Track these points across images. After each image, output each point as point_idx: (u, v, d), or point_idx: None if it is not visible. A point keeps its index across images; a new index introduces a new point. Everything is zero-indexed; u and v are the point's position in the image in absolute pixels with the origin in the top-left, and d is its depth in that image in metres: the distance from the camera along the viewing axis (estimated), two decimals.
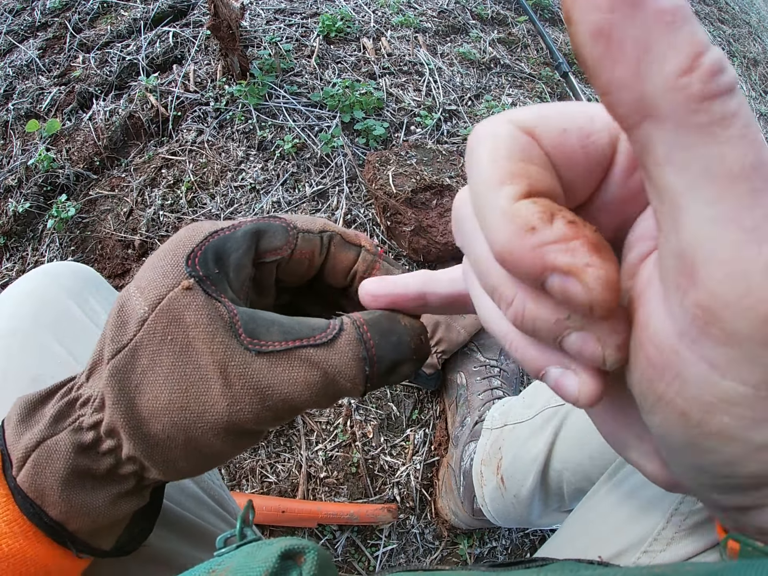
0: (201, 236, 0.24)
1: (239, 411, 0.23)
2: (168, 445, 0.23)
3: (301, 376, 0.23)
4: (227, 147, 1.10)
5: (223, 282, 0.24)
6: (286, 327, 0.24)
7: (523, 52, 1.51)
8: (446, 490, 0.89)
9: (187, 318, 0.23)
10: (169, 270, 0.23)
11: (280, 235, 0.26)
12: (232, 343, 0.23)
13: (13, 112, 1.24)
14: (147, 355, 0.23)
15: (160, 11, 1.36)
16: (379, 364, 0.24)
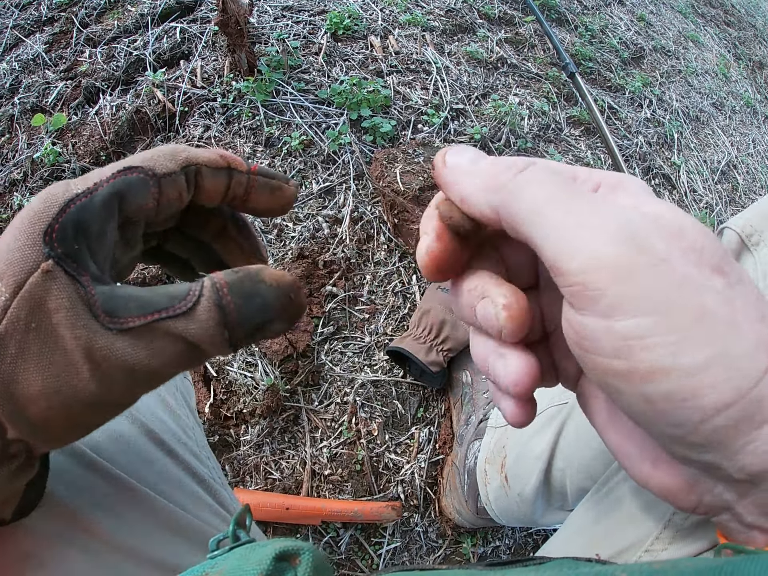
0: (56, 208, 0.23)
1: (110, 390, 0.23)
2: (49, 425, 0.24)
3: (164, 348, 0.23)
4: (234, 143, 1.09)
5: (85, 256, 0.23)
6: (143, 300, 0.23)
7: (530, 52, 1.51)
8: (450, 488, 0.88)
9: (50, 304, 0.22)
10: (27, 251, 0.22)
11: (142, 190, 0.24)
12: (94, 325, 0.22)
13: (19, 106, 1.24)
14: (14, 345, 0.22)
15: (167, 7, 1.36)
16: (242, 327, 0.24)
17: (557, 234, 0.20)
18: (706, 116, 1.77)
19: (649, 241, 0.19)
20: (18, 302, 0.22)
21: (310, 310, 0.95)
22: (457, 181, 0.23)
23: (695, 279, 0.19)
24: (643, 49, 1.81)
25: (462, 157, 0.24)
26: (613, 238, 0.19)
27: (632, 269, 0.19)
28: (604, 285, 0.19)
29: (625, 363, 0.19)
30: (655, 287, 0.19)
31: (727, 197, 1.56)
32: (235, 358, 0.93)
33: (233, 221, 0.30)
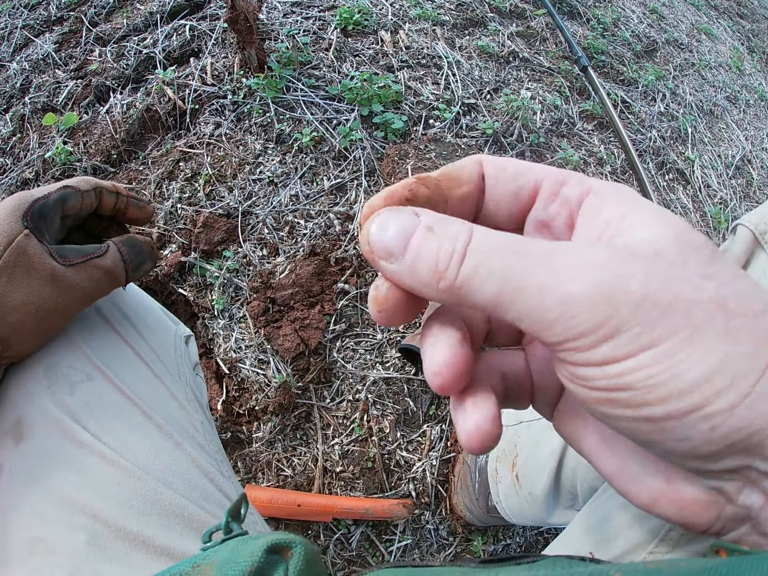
0: (29, 202, 0.38)
1: (63, 300, 0.38)
2: (22, 326, 0.37)
3: (92, 275, 0.40)
4: (245, 140, 1.09)
5: (44, 231, 0.38)
6: (80, 250, 0.40)
7: (542, 46, 1.49)
8: (461, 486, 0.88)
9: (29, 250, 0.36)
10: (14, 224, 0.37)
11: (74, 199, 0.41)
12: (54, 262, 0.37)
13: (30, 105, 1.24)
14: (6, 276, 0.36)
15: (176, 4, 1.35)
16: (132, 263, 0.43)
17: (528, 310, 0.19)
18: (720, 110, 1.75)
19: (622, 281, 0.19)
20: (9, 251, 0.36)
21: (322, 307, 0.95)
22: (399, 278, 0.21)
23: (683, 296, 0.19)
24: (655, 42, 1.78)
25: (386, 234, 0.21)
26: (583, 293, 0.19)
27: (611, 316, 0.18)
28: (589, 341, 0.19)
29: (622, 394, 0.19)
30: (641, 322, 0.18)
31: (742, 192, 1.53)
32: (247, 356, 0.92)
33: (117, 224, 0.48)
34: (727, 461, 0.19)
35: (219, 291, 0.96)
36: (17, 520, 0.35)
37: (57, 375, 0.40)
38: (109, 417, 0.40)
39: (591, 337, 0.19)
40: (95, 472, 0.37)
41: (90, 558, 0.34)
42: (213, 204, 1.03)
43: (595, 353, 0.19)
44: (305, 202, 1.04)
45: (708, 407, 0.18)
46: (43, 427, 0.38)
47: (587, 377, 0.20)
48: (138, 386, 0.43)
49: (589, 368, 0.19)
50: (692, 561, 0.19)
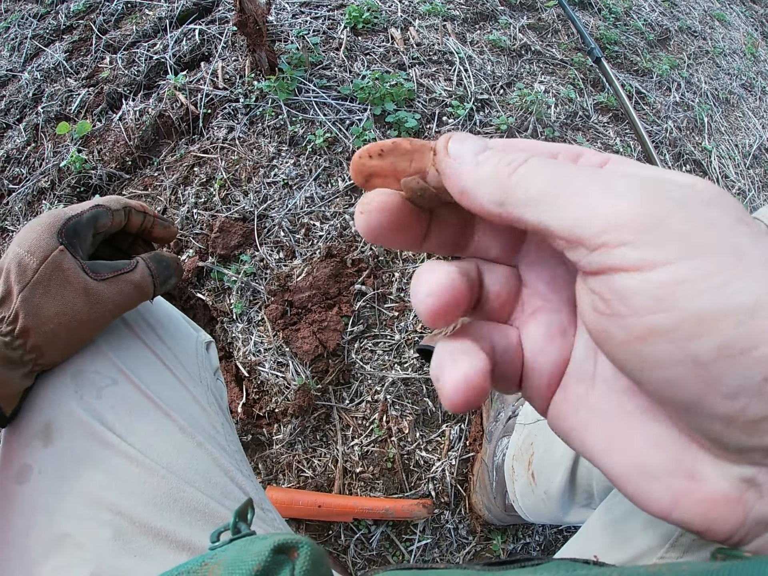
0: (63, 220, 0.40)
1: (95, 312, 0.40)
2: (56, 336, 0.39)
3: (122, 289, 0.42)
4: (258, 143, 1.09)
5: (77, 247, 0.41)
6: (111, 266, 0.42)
7: (554, 38, 1.47)
8: (480, 485, 0.88)
9: (63, 265, 0.39)
10: (49, 240, 0.39)
11: (105, 218, 0.44)
12: (87, 277, 0.40)
13: (43, 114, 1.25)
14: (42, 288, 0.38)
15: (184, 9, 1.35)
16: (159, 278, 0.45)
17: (569, 207, 0.19)
18: (735, 98, 1.71)
19: (664, 191, 0.18)
20: (45, 265, 0.38)
21: (340, 308, 0.94)
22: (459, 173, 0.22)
23: (722, 221, 0.17)
24: (668, 31, 1.75)
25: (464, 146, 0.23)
26: (627, 195, 0.18)
27: (655, 216, 0.17)
28: (630, 238, 0.17)
29: (667, 317, 0.17)
30: (686, 230, 0.17)
31: (760, 182, 1.50)
32: (266, 359, 0.92)
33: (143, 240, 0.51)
34: None
35: (237, 295, 0.96)
36: (47, 518, 0.37)
37: (84, 380, 0.42)
38: (134, 419, 0.42)
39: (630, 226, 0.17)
40: (121, 472, 0.39)
41: (115, 552, 0.36)
42: (229, 208, 1.03)
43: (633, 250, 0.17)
44: (320, 204, 1.03)
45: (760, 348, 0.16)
46: (71, 429, 0.40)
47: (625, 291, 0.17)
48: (161, 390, 0.45)
49: (626, 274, 0.17)
50: (694, 564, 0.18)
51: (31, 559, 0.36)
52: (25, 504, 0.38)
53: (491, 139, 0.25)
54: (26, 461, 0.39)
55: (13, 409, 0.40)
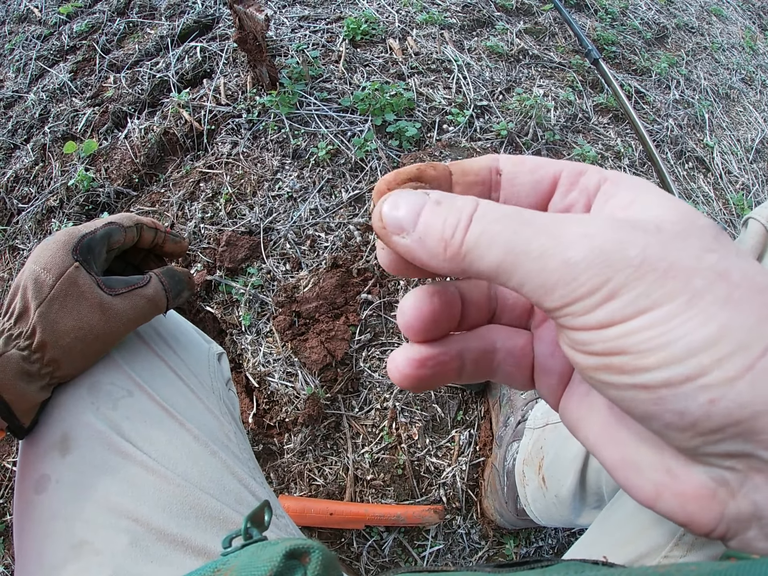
0: (77, 237, 0.42)
1: (110, 326, 0.42)
2: (72, 349, 0.40)
3: (137, 303, 0.44)
4: (262, 157, 1.10)
5: (92, 263, 0.42)
6: (125, 281, 0.44)
7: (551, 41, 1.48)
8: (491, 490, 0.88)
9: (79, 281, 0.41)
10: (64, 257, 0.41)
11: (118, 234, 0.45)
12: (101, 292, 0.41)
13: (50, 134, 1.28)
14: (58, 303, 0.40)
15: (185, 27, 1.38)
16: (172, 292, 0.47)
17: (530, 278, 0.20)
18: (736, 93, 1.71)
19: (621, 251, 0.19)
20: (61, 282, 0.40)
21: (347, 318, 0.95)
22: (409, 250, 0.22)
23: (682, 263, 0.18)
24: (666, 28, 1.75)
25: (399, 211, 0.22)
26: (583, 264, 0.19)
27: (610, 281, 0.18)
28: (588, 307, 0.19)
29: (618, 358, 0.19)
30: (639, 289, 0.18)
31: (764, 176, 1.50)
32: (275, 369, 0.94)
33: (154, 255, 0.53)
34: (727, 444, 0.18)
35: (245, 307, 0.97)
36: (65, 526, 0.38)
37: (100, 392, 0.43)
38: (149, 429, 0.43)
39: (589, 299, 0.19)
40: (137, 480, 0.40)
41: (132, 559, 0.37)
42: (235, 222, 1.04)
43: (593, 316, 0.19)
44: (325, 215, 1.04)
45: (707, 376, 0.17)
46: (88, 439, 0.41)
47: (586, 342, 0.19)
48: (175, 400, 0.46)
49: (588, 332, 0.19)
50: (702, 564, 0.19)
51: (50, 566, 0.37)
52: (43, 513, 0.39)
53: (502, 155, 0.25)
54: (44, 471, 0.40)
55: (31, 421, 0.41)
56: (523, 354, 0.27)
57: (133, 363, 0.46)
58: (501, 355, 0.27)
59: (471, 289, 0.27)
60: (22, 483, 0.41)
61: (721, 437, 0.18)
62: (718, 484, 0.20)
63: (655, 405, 0.19)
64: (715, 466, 0.20)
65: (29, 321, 0.39)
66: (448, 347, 0.26)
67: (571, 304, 0.19)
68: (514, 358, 0.27)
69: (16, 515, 0.41)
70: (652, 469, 0.21)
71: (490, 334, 0.27)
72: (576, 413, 0.25)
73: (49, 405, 0.43)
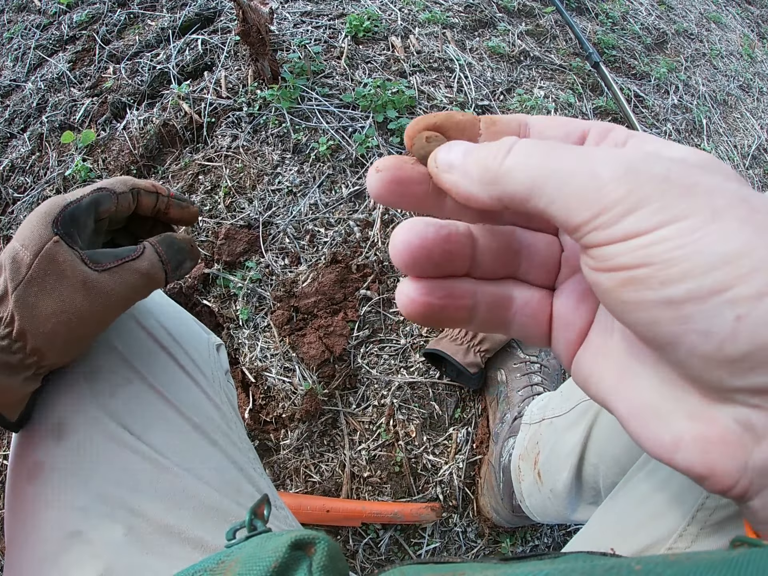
0: (59, 207, 0.37)
1: (97, 307, 0.37)
2: (55, 336, 0.36)
3: (129, 278, 0.38)
4: (262, 151, 1.10)
5: (75, 236, 0.37)
6: (114, 254, 0.38)
7: (552, 44, 1.49)
8: (487, 487, 0.88)
9: (59, 257, 0.35)
10: (43, 231, 0.36)
11: (108, 201, 0.39)
12: (86, 268, 0.36)
13: (47, 124, 1.26)
14: (37, 285, 0.35)
15: (187, 19, 1.37)
16: (171, 263, 0.40)
17: (559, 199, 0.20)
18: (733, 99, 1.73)
19: (648, 169, 0.19)
20: (39, 259, 0.35)
21: (345, 314, 0.95)
22: (456, 184, 0.23)
23: (703, 185, 0.19)
24: (665, 34, 1.77)
25: (451, 154, 0.24)
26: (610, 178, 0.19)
27: (636, 195, 0.19)
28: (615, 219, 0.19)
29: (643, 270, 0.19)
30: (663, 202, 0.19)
31: (760, 183, 1.52)
32: (273, 365, 0.93)
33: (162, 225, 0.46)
34: (754, 376, 0.18)
35: (243, 301, 0.97)
36: (58, 515, 0.37)
37: (98, 380, 0.42)
38: (147, 417, 0.42)
39: (615, 210, 0.19)
40: (134, 469, 0.39)
41: (127, 550, 0.36)
42: (234, 216, 1.04)
43: (618, 228, 0.19)
44: (324, 211, 1.04)
45: (732, 290, 0.17)
46: (84, 426, 0.40)
47: (611, 255, 0.19)
48: (175, 388, 0.45)
49: (613, 246, 0.19)
50: (713, 552, 0.19)
51: (42, 556, 0.36)
52: (36, 501, 0.38)
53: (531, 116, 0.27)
54: (38, 458, 0.39)
55: (20, 414, 0.38)
56: (540, 307, 0.27)
57: (133, 350, 0.44)
58: (518, 304, 0.27)
59: (488, 237, 0.27)
60: (14, 470, 0.40)
61: (748, 366, 0.18)
62: (743, 428, 0.19)
63: (679, 324, 0.18)
64: (741, 404, 0.19)
65: (7, 307, 0.35)
66: (459, 282, 0.26)
67: (597, 217, 0.19)
68: (530, 309, 0.27)
69: (8, 504, 0.40)
70: (673, 415, 0.21)
71: (507, 284, 0.27)
72: (590, 365, 0.25)
73: (44, 391, 0.40)
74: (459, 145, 0.24)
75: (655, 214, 0.18)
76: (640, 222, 0.19)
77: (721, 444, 0.19)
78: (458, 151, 0.24)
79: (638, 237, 0.19)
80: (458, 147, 0.24)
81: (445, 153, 0.24)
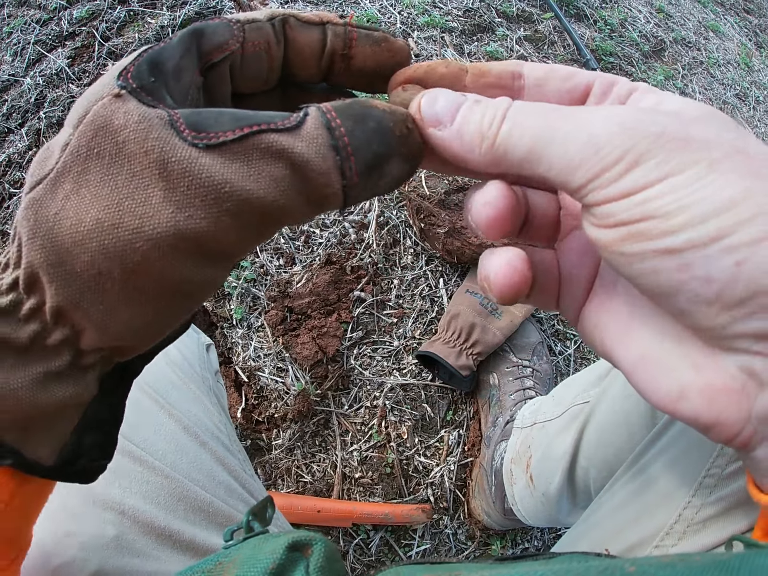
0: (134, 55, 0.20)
1: (189, 218, 0.18)
2: (101, 282, 0.18)
3: (263, 168, 0.19)
4: None
5: (161, 91, 0.20)
6: (239, 115, 0.19)
7: (550, 50, 1.49)
8: (479, 490, 0.89)
9: (116, 122, 0.19)
10: (98, 89, 0.20)
11: (222, 30, 0.22)
12: (173, 139, 0.18)
13: (45, 120, 1.27)
14: (71, 179, 0.19)
15: (186, 18, 1.37)
16: (356, 155, 0.20)
17: (557, 162, 0.20)
18: (730, 108, 1.74)
19: (643, 125, 0.20)
20: (80, 131, 0.19)
21: (339, 315, 0.96)
22: (446, 143, 0.22)
23: (699, 138, 0.19)
24: (663, 42, 1.78)
25: (437, 106, 0.22)
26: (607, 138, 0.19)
27: (632, 152, 0.19)
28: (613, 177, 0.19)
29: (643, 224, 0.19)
30: (659, 157, 0.19)
31: None
32: (266, 364, 0.94)
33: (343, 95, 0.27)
34: (756, 320, 0.18)
35: (237, 301, 0.97)
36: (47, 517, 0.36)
37: None
38: (138, 419, 0.42)
39: (613, 170, 0.19)
40: (124, 470, 0.39)
41: (118, 552, 0.36)
42: None
43: (617, 186, 0.19)
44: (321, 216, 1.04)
45: (731, 237, 0.17)
46: None
47: (612, 213, 0.20)
48: (165, 389, 0.45)
49: (614, 203, 0.20)
50: (706, 555, 0.19)
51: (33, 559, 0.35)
52: None
53: (527, 62, 0.26)
54: None
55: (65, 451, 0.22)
56: (551, 271, 0.27)
57: None
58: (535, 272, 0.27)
59: None
60: None
61: (749, 311, 0.18)
62: (747, 375, 0.19)
63: (680, 272, 0.19)
64: (744, 352, 0.19)
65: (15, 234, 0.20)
66: None
67: (596, 177, 0.20)
68: (544, 274, 0.27)
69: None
70: (677, 366, 0.21)
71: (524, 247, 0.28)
72: (594, 319, 0.25)
73: None
74: (443, 95, 0.23)
75: (652, 170, 0.19)
76: (639, 179, 0.19)
77: (725, 392, 0.20)
78: (445, 104, 0.22)
79: (637, 193, 0.19)
80: (443, 98, 0.23)
81: (429, 105, 0.23)
